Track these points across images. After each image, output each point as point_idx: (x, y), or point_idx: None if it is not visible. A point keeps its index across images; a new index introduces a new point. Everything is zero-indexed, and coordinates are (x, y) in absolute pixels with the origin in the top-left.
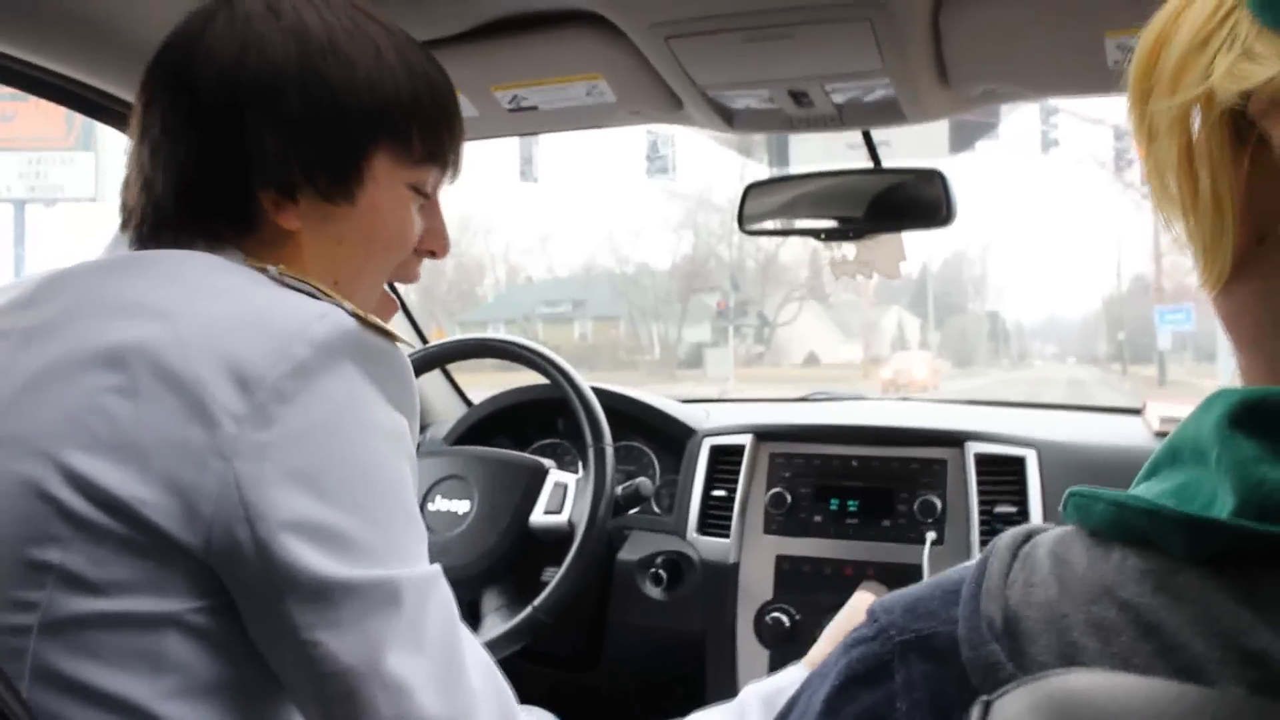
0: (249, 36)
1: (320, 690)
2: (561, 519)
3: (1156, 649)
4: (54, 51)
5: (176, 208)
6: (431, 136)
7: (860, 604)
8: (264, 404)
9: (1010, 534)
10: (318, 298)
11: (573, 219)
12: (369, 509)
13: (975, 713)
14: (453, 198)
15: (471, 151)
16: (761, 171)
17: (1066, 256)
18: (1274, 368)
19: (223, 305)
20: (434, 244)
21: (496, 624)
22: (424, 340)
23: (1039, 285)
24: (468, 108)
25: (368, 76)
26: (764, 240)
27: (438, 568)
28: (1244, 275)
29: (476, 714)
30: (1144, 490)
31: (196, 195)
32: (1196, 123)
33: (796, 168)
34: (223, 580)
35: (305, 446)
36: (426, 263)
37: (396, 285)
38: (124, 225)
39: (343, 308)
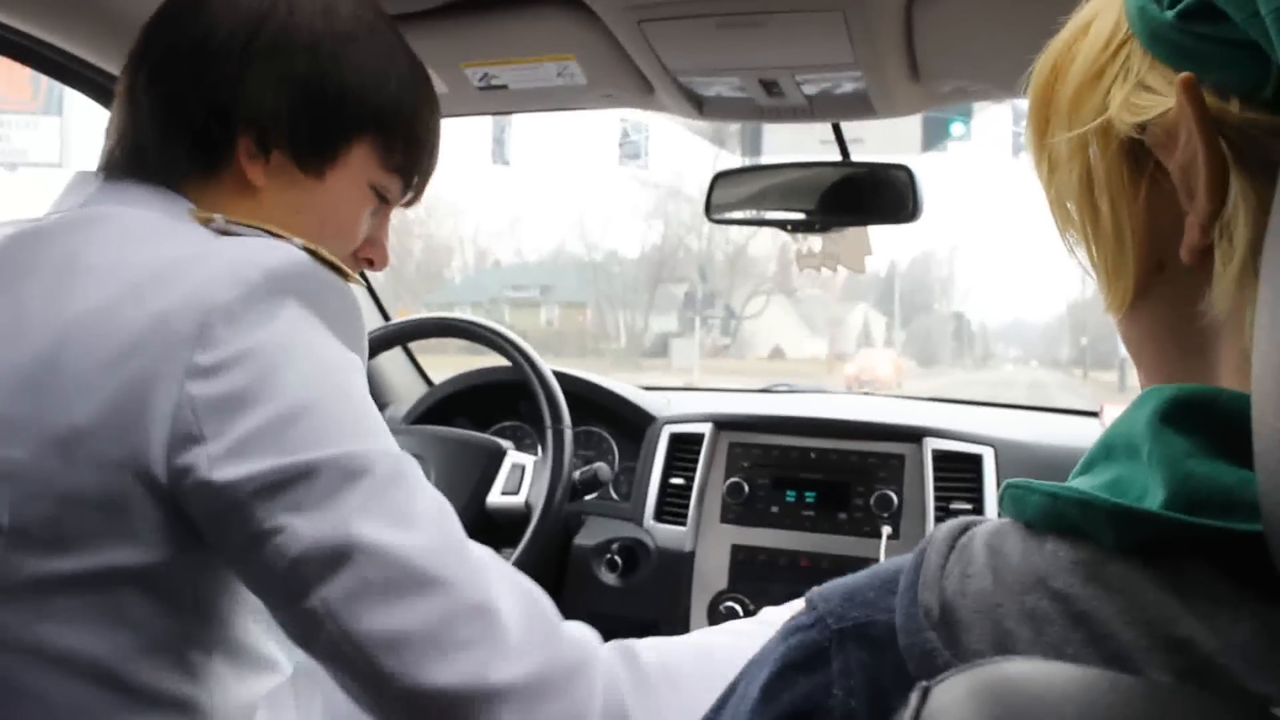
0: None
1: (299, 579)
2: (518, 500)
3: (1086, 637)
4: (23, 11)
5: (156, 133)
6: (413, 149)
7: None
8: (212, 327)
9: (947, 526)
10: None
11: (543, 204)
12: (322, 404)
13: (913, 699)
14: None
15: (443, 132)
16: (734, 162)
17: (1033, 260)
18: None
19: (172, 248)
20: (373, 253)
21: None
22: (387, 319)
23: (1005, 288)
24: (437, 84)
25: (378, 72)
26: (733, 233)
27: (409, 457)
28: (1146, 301)
29: (489, 582)
30: (1079, 484)
31: (177, 124)
32: (1094, 153)
33: (769, 159)
34: (183, 504)
35: (256, 362)
36: (394, 243)
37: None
38: (104, 153)
39: (293, 243)
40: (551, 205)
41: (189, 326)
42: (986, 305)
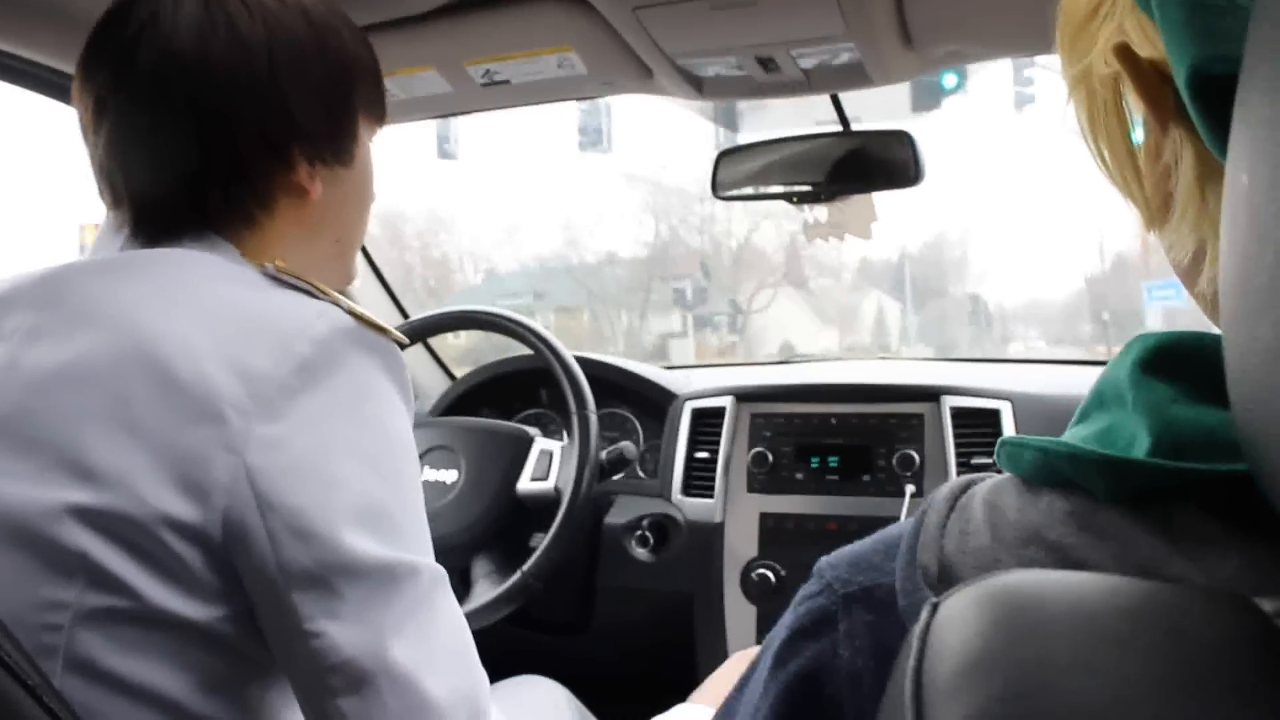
0: (267, 15)
1: (326, 685)
2: (548, 485)
3: None
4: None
5: (204, 180)
6: (383, 94)
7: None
8: (270, 399)
9: (948, 486)
10: (316, 296)
11: (497, 197)
12: (375, 500)
13: (924, 613)
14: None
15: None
16: (707, 144)
17: (1047, 233)
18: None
19: (225, 310)
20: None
21: (487, 590)
22: (405, 315)
23: (1020, 266)
24: (441, 84)
25: (351, 44)
26: (736, 226)
27: (443, 571)
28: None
29: (480, 695)
30: (1072, 435)
31: (229, 167)
32: (1086, 95)
33: (745, 136)
34: (239, 571)
35: (310, 439)
36: (396, 258)
37: (379, 267)
38: (137, 217)
39: (340, 305)
40: (518, 204)
41: (244, 400)
42: (1003, 286)
